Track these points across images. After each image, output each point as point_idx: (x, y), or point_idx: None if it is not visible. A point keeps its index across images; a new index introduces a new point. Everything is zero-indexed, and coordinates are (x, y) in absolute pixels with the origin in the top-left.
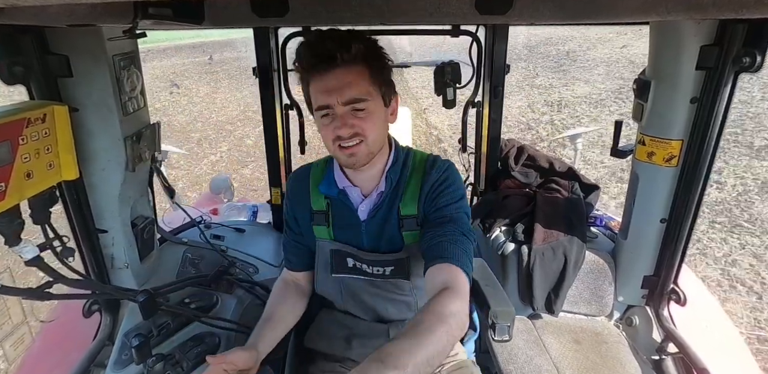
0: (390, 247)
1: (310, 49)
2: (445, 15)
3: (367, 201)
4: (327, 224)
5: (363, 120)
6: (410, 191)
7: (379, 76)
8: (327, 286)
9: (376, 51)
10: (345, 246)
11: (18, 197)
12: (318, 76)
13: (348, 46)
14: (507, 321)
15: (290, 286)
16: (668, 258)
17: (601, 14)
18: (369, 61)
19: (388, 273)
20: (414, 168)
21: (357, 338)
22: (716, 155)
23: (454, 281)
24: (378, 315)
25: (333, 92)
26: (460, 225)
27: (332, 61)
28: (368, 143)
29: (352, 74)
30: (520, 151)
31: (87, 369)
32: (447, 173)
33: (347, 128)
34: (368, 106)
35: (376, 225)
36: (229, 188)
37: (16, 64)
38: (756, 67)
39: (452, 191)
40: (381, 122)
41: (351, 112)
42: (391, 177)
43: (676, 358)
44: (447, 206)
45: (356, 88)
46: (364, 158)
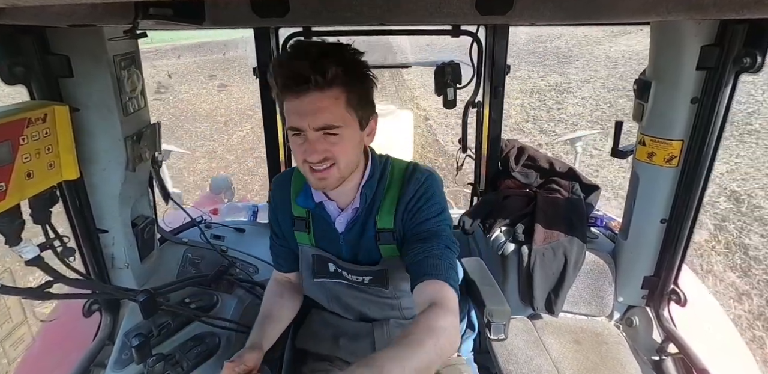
0: (368, 259)
1: (283, 69)
2: (445, 15)
3: (343, 215)
4: (308, 230)
5: (335, 145)
6: (387, 204)
7: (358, 100)
8: (312, 289)
9: (356, 72)
10: (326, 252)
11: (18, 196)
12: (291, 97)
13: (322, 70)
14: (503, 320)
15: (284, 284)
16: (668, 259)
17: (602, 14)
18: (347, 85)
19: (367, 282)
20: (392, 181)
21: (343, 337)
22: (717, 155)
23: (442, 297)
24: (362, 315)
25: (305, 117)
26: (442, 239)
27: (305, 85)
28: (339, 168)
29: (327, 99)
30: (520, 151)
31: (87, 368)
32: (425, 186)
33: (317, 154)
34: (341, 132)
35: (353, 237)
36: (229, 188)
37: (17, 65)
38: (756, 67)
39: (431, 205)
40: (354, 146)
41: (323, 136)
42: (366, 193)
43: (676, 359)
44: (428, 220)
45: (329, 115)
46: (334, 182)
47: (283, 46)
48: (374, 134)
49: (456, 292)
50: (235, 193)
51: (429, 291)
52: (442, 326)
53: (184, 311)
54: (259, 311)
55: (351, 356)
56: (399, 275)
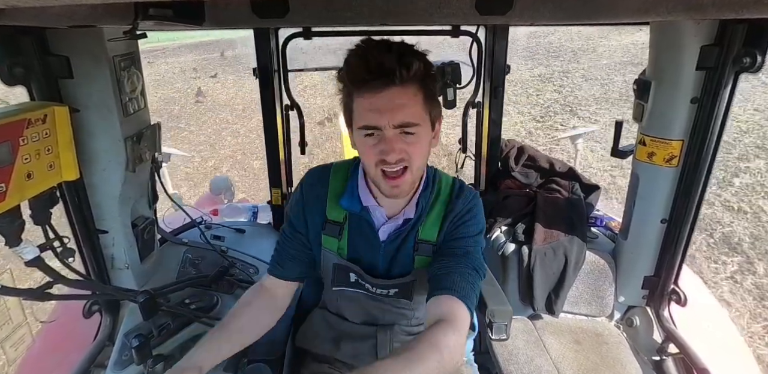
0: (401, 270)
1: (364, 61)
2: (445, 15)
3: (390, 224)
4: (339, 237)
5: (411, 146)
6: (433, 216)
7: (432, 99)
8: (326, 291)
9: (431, 71)
10: (350, 264)
11: (18, 197)
12: (368, 93)
13: (409, 64)
14: (504, 320)
15: (263, 296)
16: (669, 259)
17: (602, 14)
18: (425, 82)
19: (392, 295)
20: (439, 193)
21: (345, 340)
22: (717, 155)
23: (454, 314)
24: (369, 320)
25: (384, 113)
26: (473, 259)
27: (389, 79)
28: (413, 171)
29: (407, 95)
30: (520, 151)
31: (87, 369)
32: (472, 203)
33: (396, 153)
34: (418, 131)
35: (393, 248)
36: (229, 189)
37: (17, 65)
38: (756, 67)
39: (473, 224)
40: (427, 147)
41: (400, 135)
42: (422, 204)
43: (676, 359)
44: (464, 238)
45: (409, 112)
46: (407, 189)
47: (283, 47)
48: (439, 137)
49: (470, 313)
50: (235, 193)
51: (443, 306)
52: (447, 344)
53: (184, 312)
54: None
55: (352, 359)
56: (423, 287)
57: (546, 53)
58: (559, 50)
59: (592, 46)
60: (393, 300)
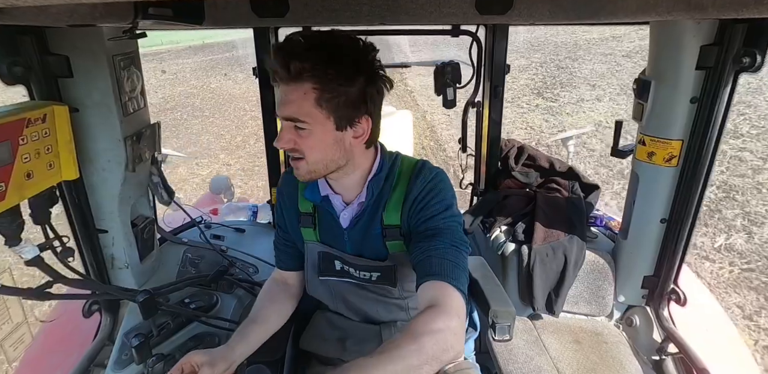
0: (374, 255)
1: (273, 56)
2: (445, 15)
3: (348, 209)
4: (313, 226)
5: (303, 138)
6: (394, 200)
7: (334, 101)
8: (317, 288)
9: (337, 70)
10: (332, 249)
11: (18, 197)
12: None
13: (287, 65)
14: (507, 321)
15: (279, 287)
16: (668, 258)
17: (601, 14)
18: (319, 81)
19: (375, 279)
20: (400, 176)
21: (350, 339)
22: (716, 155)
23: (442, 298)
24: (368, 317)
25: (279, 105)
26: (449, 236)
27: (278, 75)
28: (308, 162)
29: (296, 93)
30: (520, 151)
31: (87, 368)
32: (433, 182)
33: (282, 141)
34: (308, 127)
35: (358, 233)
36: (229, 188)
37: (17, 65)
38: (756, 67)
39: (438, 202)
40: (326, 144)
41: (292, 127)
42: (372, 188)
43: (676, 358)
44: (434, 217)
45: (295, 108)
46: (304, 175)
47: None
48: (366, 136)
49: (460, 292)
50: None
51: (430, 292)
52: (428, 330)
53: (184, 311)
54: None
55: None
56: (407, 273)
57: (529, 46)
58: (543, 44)
59: (573, 40)
60: (379, 287)
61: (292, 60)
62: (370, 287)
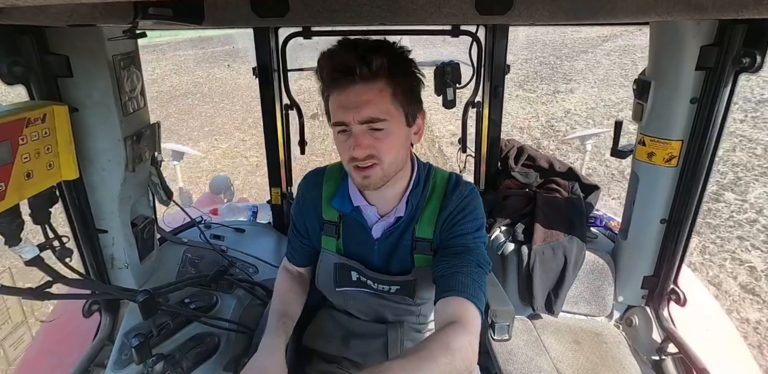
0: (400, 268)
1: (330, 61)
2: (445, 15)
3: (382, 222)
4: (337, 236)
5: (379, 141)
6: (428, 214)
7: (404, 94)
8: (330, 294)
9: (402, 64)
10: (351, 261)
11: (18, 197)
12: (336, 91)
13: (369, 60)
14: (506, 321)
15: (296, 279)
16: (668, 259)
17: (601, 14)
18: (393, 76)
19: (393, 291)
20: (434, 189)
21: (354, 338)
22: (716, 155)
23: (464, 315)
24: (378, 317)
25: (350, 110)
26: (475, 256)
27: (351, 76)
28: (383, 167)
29: (372, 91)
30: (520, 151)
31: (87, 368)
32: (468, 199)
33: (362, 149)
34: (387, 126)
35: (389, 245)
36: (229, 188)
37: (16, 64)
38: (756, 67)
39: (471, 220)
40: (400, 143)
41: (368, 131)
42: (412, 202)
43: (676, 358)
44: (465, 235)
45: (374, 108)
46: (378, 182)
47: (283, 46)
48: (422, 133)
49: (480, 312)
50: (234, 193)
51: (452, 307)
52: (458, 346)
53: (184, 311)
54: (274, 308)
55: (361, 357)
56: (426, 285)
57: (521, 46)
58: (533, 43)
59: (561, 39)
60: (396, 296)
61: (373, 56)
62: (387, 296)
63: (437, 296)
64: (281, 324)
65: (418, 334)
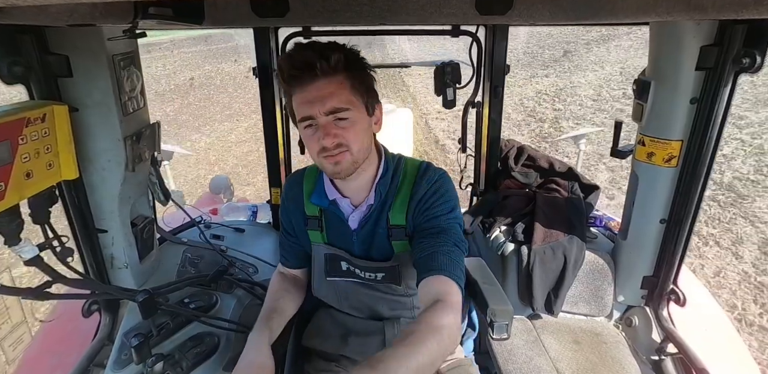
0: (381, 255)
1: (290, 61)
2: (445, 15)
3: (357, 212)
4: (320, 229)
5: (346, 130)
6: (399, 201)
7: (361, 86)
8: (322, 288)
9: (356, 60)
10: (339, 251)
11: (18, 196)
12: (299, 88)
13: (327, 56)
14: (505, 320)
15: (288, 279)
16: (668, 259)
17: (601, 15)
18: (349, 70)
19: (380, 279)
20: (405, 177)
21: (353, 336)
22: (716, 155)
23: (446, 293)
24: (374, 313)
25: (315, 103)
26: (452, 236)
27: (312, 72)
28: (353, 153)
29: (333, 84)
30: (519, 151)
31: (86, 368)
32: (438, 183)
33: (330, 138)
34: (351, 115)
35: (366, 234)
36: (228, 188)
37: (16, 64)
38: (756, 67)
39: (443, 202)
40: (365, 131)
41: (334, 122)
42: (380, 190)
43: (675, 358)
44: (439, 217)
45: (337, 98)
46: (349, 168)
47: (283, 46)
48: (381, 123)
49: (460, 289)
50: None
51: (434, 286)
52: (444, 324)
53: (184, 311)
54: (264, 306)
55: (359, 354)
56: (411, 272)
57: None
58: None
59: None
60: (384, 286)
61: (331, 52)
62: (376, 285)
63: (419, 276)
64: (267, 318)
65: None
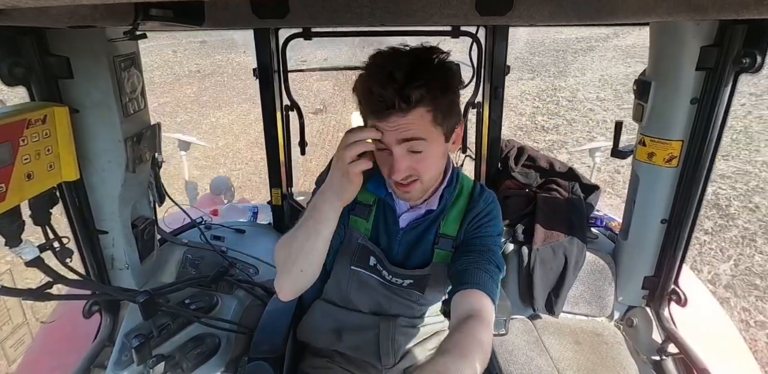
0: (418, 261)
1: (367, 93)
2: (445, 16)
3: (411, 212)
4: (367, 219)
5: (419, 162)
6: (455, 212)
7: (443, 115)
8: (336, 276)
9: (441, 86)
10: (374, 246)
11: (18, 198)
12: (374, 117)
13: (407, 95)
14: (503, 315)
15: None
16: (669, 259)
17: (602, 15)
18: (432, 103)
19: (405, 285)
20: (461, 191)
21: (347, 330)
22: (716, 155)
23: (482, 309)
24: (376, 310)
25: (390, 134)
26: (496, 257)
27: (390, 110)
28: (423, 181)
29: (412, 119)
30: (520, 151)
31: (87, 369)
32: (492, 206)
33: (401, 172)
34: (425, 147)
35: (412, 237)
36: (229, 189)
37: (17, 66)
38: (756, 67)
39: (494, 225)
40: (438, 159)
41: (408, 153)
42: (445, 197)
43: (676, 359)
44: (486, 237)
45: (414, 131)
46: (417, 195)
47: (283, 47)
48: (460, 140)
49: (495, 309)
50: (234, 194)
51: (471, 300)
52: (485, 340)
53: (184, 312)
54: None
55: (353, 350)
56: (438, 282)
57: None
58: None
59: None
60: (405, 291)
61: (411, 89)
62: (396, 289)
63: (455, 288)
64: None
65: (410, 329)
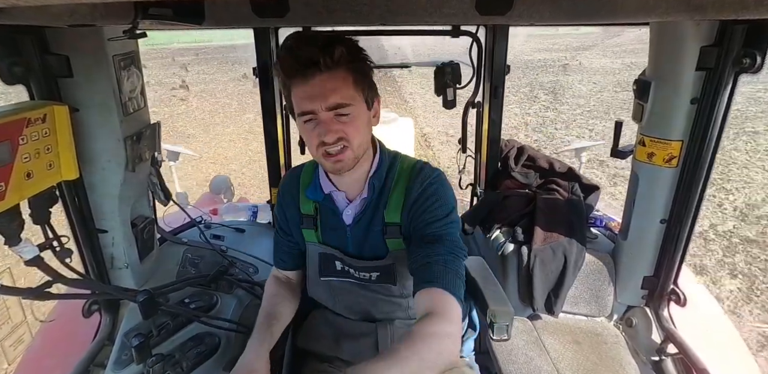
0: (374, 253)
1: (292, 54)
2: (445, 15)
3: (351, 206)
4: (315, 228)
5: (347, 125)
6: (395, 198)
7: (363, 80)
8: (317, 288)
9: (358, 54)
10: (332, 250)
11: (18, 197)
12: (301, 82)
13: (331, 51)
14: (506, 321)
15: (283, 284)
16: (668, 259)
17: (601, 15)
18: (352, 65)
19: (374, 279)
20: (400, 175)
21: (345, 338)
22: (716, 155)
23: (440, 305)
24: (368, 315)
25: (316, 98)
26: (449, 244)
27: (315, 67)
28: (353, 148)
29: (336, 80)
30: (520, 151)
31: (87, 369)
32: (434, 186)
33: (332, 133)
34: (352, 111)
35: (360, 230)
36: (229, 188)
37: (17, 64)
38: (756, 68)
39: (438, 206)
40: (365, 125)
41: (335, 117)
42: (374, 183)
43: (675, 359)
44: (435, 222)
45: (340, 94)
46: (350, 163)
47: None
48: (379, 116)
49: (458, 300)
50: (234, 193)
51: (428, 299)
52: (436, 331)
53: (184, 311)
54: (261, 310)
55: (352, 356)
56: (407, 271)
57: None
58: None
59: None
60: (379, 286)
61: (334, 46)
62: (371, 286)
63: (415, 288)
64: (268, 325)
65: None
